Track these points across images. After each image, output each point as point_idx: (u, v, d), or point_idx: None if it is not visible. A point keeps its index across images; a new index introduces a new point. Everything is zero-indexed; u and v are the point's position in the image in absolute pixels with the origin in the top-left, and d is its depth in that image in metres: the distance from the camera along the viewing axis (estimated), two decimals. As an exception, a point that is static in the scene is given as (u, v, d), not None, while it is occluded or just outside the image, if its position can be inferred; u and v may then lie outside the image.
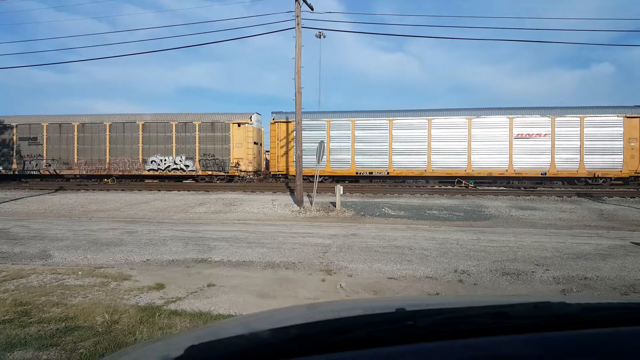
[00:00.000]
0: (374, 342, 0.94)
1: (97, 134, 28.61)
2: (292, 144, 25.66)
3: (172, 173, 27.97)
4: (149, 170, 28.09)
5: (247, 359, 0.94)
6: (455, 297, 4.41)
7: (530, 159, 24.69)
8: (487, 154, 25.01)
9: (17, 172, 29.68)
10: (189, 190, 24.37)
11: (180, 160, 27.77)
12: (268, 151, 29.23)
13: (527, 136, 24.66)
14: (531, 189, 23.27)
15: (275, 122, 26.77)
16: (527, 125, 24.69)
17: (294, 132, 27.54)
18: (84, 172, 28.95)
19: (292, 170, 25.69)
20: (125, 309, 5.31)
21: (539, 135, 24.54)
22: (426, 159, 25.64)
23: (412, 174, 25.94)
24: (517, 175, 25.00)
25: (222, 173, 27.54)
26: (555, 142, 24.43)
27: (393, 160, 25.89)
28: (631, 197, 20.17)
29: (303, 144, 25.37)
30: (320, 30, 34.36)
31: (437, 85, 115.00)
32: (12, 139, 29.59)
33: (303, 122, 25.40)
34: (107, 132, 28.51)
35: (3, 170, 29.71)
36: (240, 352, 0.96)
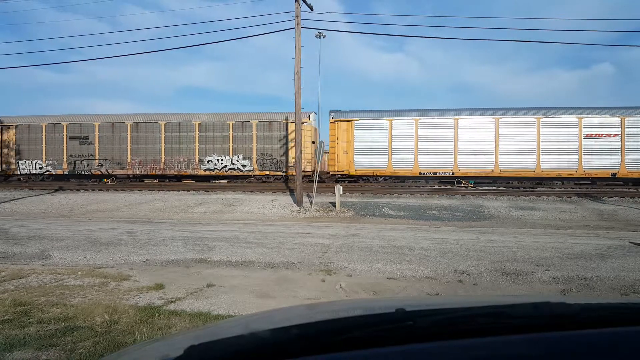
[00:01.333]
0: (373, 342, 0.94)
1: (152, 133, 27.92)
2: (353, 143, 25.28)
3: (228, 173, 27.38)
4: (205, 170, 27.42)
5: (246, 359, 0.93)
6: (455, 297, 4.41)
7: (600, 160, 23.83)
8: (556, 154, 24.18)
9: (67, 173, 28.86)
10: (188, 191, 24.37)
11: (237, 160, 27.16)
12: (327, 152, 28.09)
13: (597, 136, 23.79)
14: (531, 189, 23.25)
15: (335, 121, 25.85)
16: (597, 125, 23.85)
17: (294, 132, 27.46)
18: (137, 173, 28.26)
19: (353, 170, 25.46)
20: (124, 309, 5.31)
21: (609, 135, 23.72)
22: (493, 159, 24.64)
23: (478, 175, 25.02)
24: (586, 176, 24.09)
25: (279, 173, 26.91)
26: (625, 143, 23.66)
27: (459, 160, 24.84)
28: (631, 198, 20.18)
29: (363, 143, 25.29)
30: (320, 31, 34.36)
31: (436, 85, 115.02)
32: (62, 138, 28.67)
33: (364, 121, 25.46)
34: (162, 132, 27.81)
35: (52, 171, 28.80)
36: (240, 352, 0.96)
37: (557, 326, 1.03)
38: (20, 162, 28.99)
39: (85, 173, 28.83)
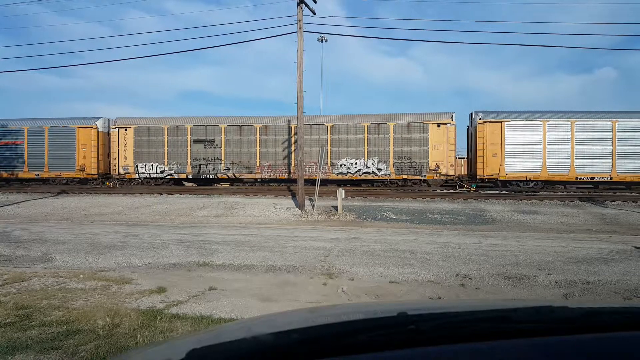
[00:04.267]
0: (375, 346, 0.94)
1: (282, 136, 26.79)
2: (504, 146, 24.10)
3: (362, 177, 26.07)
4: (337, 174, 26.20)
5: None
6: (457, 301, 4.41)
7: None
8: None
9: (190, 177, 27.72)
10: (190, 194, 24.37)
11: (373, 164, 25.80)
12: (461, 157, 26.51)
13: None
14: (533, 193, 23.20)
15: (483, 122, 24.57)
16: None
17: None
18: (266, 177, 27.09)
19: (504, 174, 24.28)
20: (126, 313, 5.31)
21: None
22: None
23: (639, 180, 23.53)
24: None
25: (418, 177, 25.47)
26: None
27: (617, 164, 23.39)
28: (633, 202, 20.11)
29: (514, 146, 24.16)
30: (322, 35, 34.48)
31: (439, 89, 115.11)
32: (186, 141, 27.55)
33: (515, 123, 24.25)
34: (293, 135, 26.38)
35: (175, 175, 27.66)
36: (242, 356, 0.96)
37: (559, 331, 1.03)
38: (139, 165, 27.80)
39: (211, 177, 27.67)
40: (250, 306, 5.96)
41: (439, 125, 25.09)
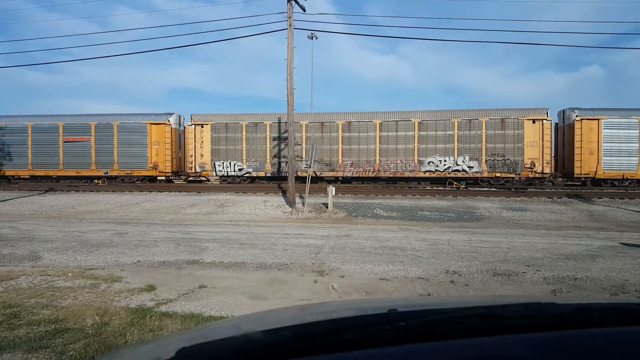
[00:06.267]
0: (366, 343, 0.94)
1: (365, 133, 25.96)
2: (601, 144, 23.81)
3: (452, 175, 25.29)
4: (424, 172, 25.42)
5: None
6: (446, 298, 4.43)
7: None
8: None
9: (269, 174, 27.00)
10: (180, 191, 24.23)
11: (463, 161, 25.05)
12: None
13: None
14: (522, 190, 23.38)
15: (580, 119, 24.14)
16: None
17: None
18: (348, 175, 26.30)
19: (601, 172, 23.95)
20: (115, 311, 5.28)
21: None
22: None
23: None
24: None
25: (512, 175, 24.70)
26: None
27: None
28: (620, 199, 20.37)
29: (611, 144, 23.73)
30: (312, 32, 34.43)
31: (429, 87, 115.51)
32: (265, 138, 26.89)
33: (613, 120, 23.89)
34: (377, 131, 25.78)
35: (254, 173, 26.96)
36: (232, 354, 0.95)
37: (548, 326, 1.04)
38: (216, 163, 27.15)
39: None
40: (241, 304, 5.94)
41: (534, 122, 24.45)
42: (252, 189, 24.70)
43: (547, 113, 24.54)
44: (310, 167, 19.34)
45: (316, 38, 41.76)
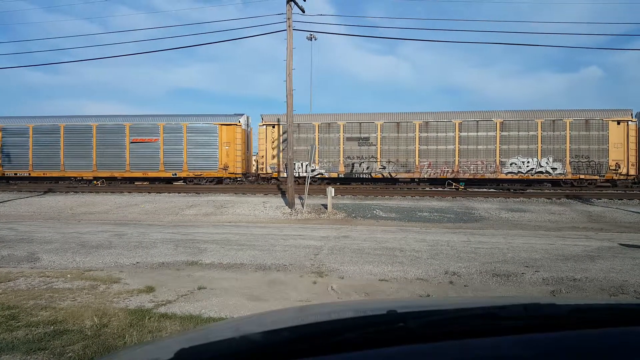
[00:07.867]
0: (365, 344, 0.94)
1: (444, 133, 25.56)
2: None
3: (535, 177, 25.00)
4: (506, 174, 25.07)
5: None
6: (446, 299, 4.43)
7: None
8: None
9: (342, 176, 26.55)
10: (179, 192, 24.22)
11: (547, 163, 24.70)
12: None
13: None
14: (520, 191, 23.40)
15: None
16: None
17: (286, 134, 26.73)
18: (425, 176, 25.85)
19: None
20: (114, 312, 5.27)
21: None
22: None
23: None
24: None
25: (596, 177, 24.39)
26: None
27: None
28: (619, 199, 20.39)
29: None
30: (311, 33, 34.43)
31: (427, 87, 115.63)
32: (339, 139, 26.40)
33: None
34: (457, 132, 25.41)
35: (326, 174, 26.53)
36: (231, 355, 0.95)
37: (547, 327, 1.04)
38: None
39: (364, 176, 26.54)
40: (240, 305, 5.94)
41: (618, 123, 24.25)
42: (251, 190, 24.69)
43: (631, 114, 24.33)
44: (310, 166, 19.33)
45: (315, 39, 41.85)
